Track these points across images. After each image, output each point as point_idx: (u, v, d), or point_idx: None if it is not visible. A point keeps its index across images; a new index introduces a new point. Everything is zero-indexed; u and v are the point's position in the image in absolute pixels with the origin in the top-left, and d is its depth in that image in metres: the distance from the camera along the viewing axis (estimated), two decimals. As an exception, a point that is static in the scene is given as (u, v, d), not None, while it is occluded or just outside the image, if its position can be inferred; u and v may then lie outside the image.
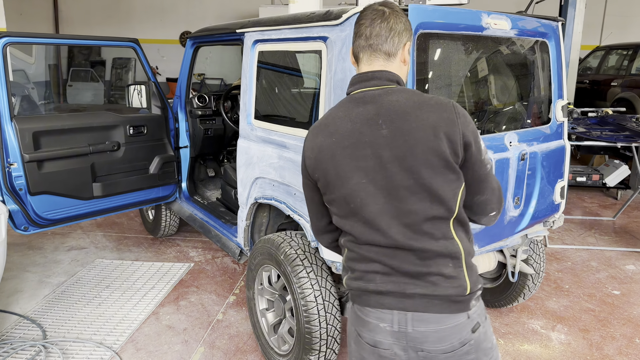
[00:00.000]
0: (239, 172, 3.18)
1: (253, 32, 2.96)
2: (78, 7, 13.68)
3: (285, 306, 2.80)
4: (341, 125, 1.49)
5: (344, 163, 1.47)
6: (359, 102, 1.50)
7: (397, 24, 1.50)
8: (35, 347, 3.08)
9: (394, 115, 1.44)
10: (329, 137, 1.49)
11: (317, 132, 1.54)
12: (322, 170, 1.51)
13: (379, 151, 1.44)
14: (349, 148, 1.46)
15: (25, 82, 8.82)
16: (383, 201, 1.45)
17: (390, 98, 1.47)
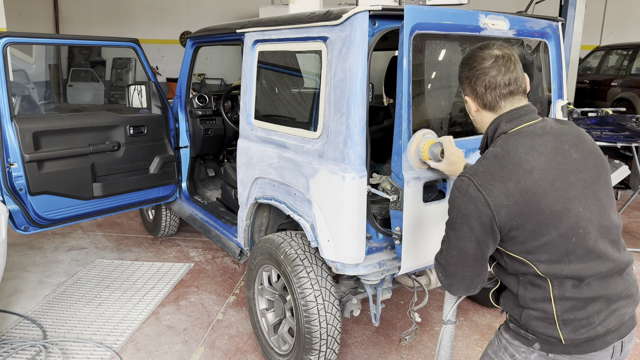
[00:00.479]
0: (239, 172, 3.18)
1: (253, 32, 2.96)
2: (78, 7, 13.69)
3: (285, 306, 2.80)
4: (535, 160, 1.44)
5: (557, 197, 1.42)
6: (534, 135, 1.49)
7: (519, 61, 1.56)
8: (35, 347, 3.08)
9: (572, 139, 1.50)
10: (528, 175, 1.41)
11: (503, 176, 1.42)
12: (530, 213, 1.41)
13: (581, 175, 1.46)
14: (556, 181, 1.43)
15: (25, 82, 8.82)
16: (597, 225, 1.45)
17: (552, 125, 1.53)
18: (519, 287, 1.53)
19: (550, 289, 1.46)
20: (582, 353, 1.47)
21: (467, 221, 1.46)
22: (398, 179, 2.24)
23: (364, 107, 2.28)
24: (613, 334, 1.48)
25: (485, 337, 3.30)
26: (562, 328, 1.46)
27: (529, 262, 1.46)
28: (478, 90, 1.56)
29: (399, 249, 2.31)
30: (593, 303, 1.46)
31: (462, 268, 1.54)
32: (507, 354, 1.58)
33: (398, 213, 2.27)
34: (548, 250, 1.43)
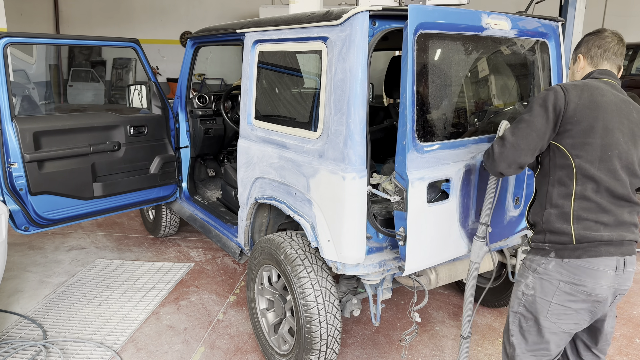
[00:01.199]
0: (240, 172, 3.18)
1: (253, 33, 2.96)
2: (78, 7, 13.69)
3: (286, 306, 2.80)
4: (608, 93, 1.86)
5: (612, 120, 1.81)
6: (612, 86, 1.92)
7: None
8: (35, 347, 3.08)
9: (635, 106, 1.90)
10: (600, 96, 1.83)
11: (582, 88, 1.85)
12: (589, 117, 1.79)
13: (632, 126, 1.86)
14: (615, 112, 1.83)
15: (25, 82, 8.82)
16: (627, 160, 1.83)
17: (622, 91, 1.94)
18: (549, 185, 1.89)
19: (574, 187, 1.82)
20: (590, 257, 1.78)
21: (545, 104, 1.84)
22: (402, 180, 2.24)
23: (364, 107, 2.28)
24: (615, 247, 1.80)
25: (486, 337, 3.30)
26: (575, 224, 1.80)
27: (569, 155, 1.83)
28: (591, 47, 2.02)
29: (402, 250, 2.31)
30: (604, 213, 1.80)
31: (522, 139, 1.87)
32: (530, 270, 1.91)
33: (402, 214, 2.26)
34: (587, 150, 1.80)
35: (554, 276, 1.83)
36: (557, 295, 1.83)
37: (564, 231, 1.81)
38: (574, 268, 1.80)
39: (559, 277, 1.82)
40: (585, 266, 1.79)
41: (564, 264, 1.81)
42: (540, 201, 1.93)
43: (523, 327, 1.94)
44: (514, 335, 1.97)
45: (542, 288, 1.85)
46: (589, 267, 1.79)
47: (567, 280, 1.81)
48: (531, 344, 1.93)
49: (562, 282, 1.81)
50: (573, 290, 1.81)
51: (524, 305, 1.92)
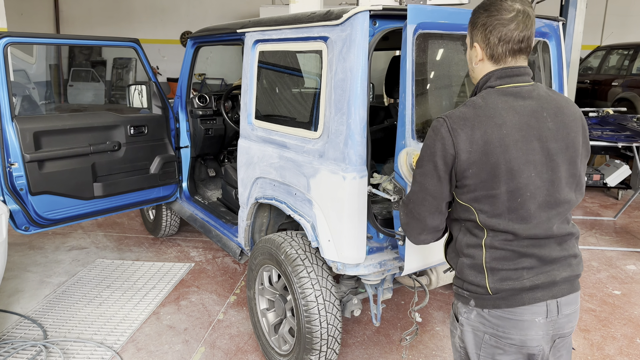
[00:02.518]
0: (240, 172, 3.18)
1: (254, 32, 2.96)
2: (79, 7, 13.69)
3: (286, 306, 2.80)
4: (508, 117, 1.47)
5: (516, 156, 1.46)
6: (518, 96, 1.52)
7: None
8: (36, 347, 3.08)
9: (555, 109, 1.53)
10: (497, 129, 1.46)
11: (474, 124, 1.47)
12: (487, 164, 1.46)
13: (547, 144, 1.50)
14: (520, 141, 1.47)
15: (26, 82, 8.83)
16: (545, 193, 1.50)
17: (540, 92, 1.55)
18: (459, 233, 1.63)
19: (484, 237, 1.54)
20: (512, 306, 1.52)
21: (433, 159, 1.52)
22: (401, 179, 2.24)
23: (364, 107, 2.28)
24: (543, 291, 1.53)
25: (486, 337, 3.30)
26: (489, 276, 1.54)
27: (472, 209, 1.54)
28: (491, 40, 1.54)
29: (402, 249, 2.31)
30: (524, 258, 1.53)
31: (420, 206, 1.61)
32: (456, 320, 1.67)
33: None
34: (492, 202, 1.50)
35: (477, 327, 1.59)
36: (483, 347, 1.59)
37: (478, 283, 1.55)
38: (495, 319, 1.55)
39: (482, 328, 1.58)
40: (507, 317, 1.53)
41: (484, 314, 1.56)
42: (453, 246, 1.69)
43: None
44: None
45: (468, 340, 1.62)
46: (512, 318, 1.53)
47: (491, 332, 1.56)
48: None
49: (487, 334, 1.57)
50: (499, 344, 1.56)
51: (461, 358, 1.70)
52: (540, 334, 1.54)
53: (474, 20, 1.59)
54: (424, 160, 1.56)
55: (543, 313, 1.53)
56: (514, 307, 1.52)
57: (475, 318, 1.59)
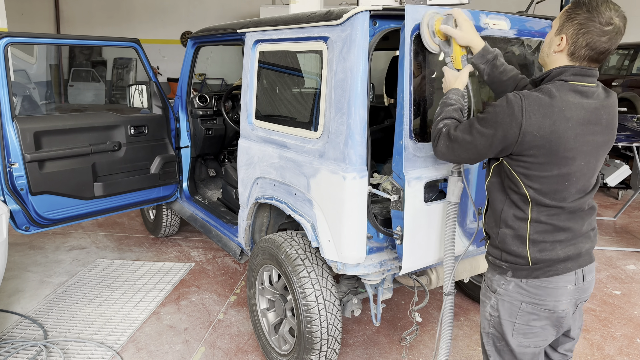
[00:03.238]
0: (240, 172, 3.18)
1: (254, 32, 2.96)
2: (79, 7, 13.69)
3: (286, 306, 2.80)
4: (575, 113, 1.63)
5: (573, 147, 1.64)
6: (584, 95, 1.68)
7: None
8: (36, 346, 3.09)
9: (609, 108, 1.73)
10: (564, 122, 1.62)
11: (546, 112, 1.61)
12: (548, 150, 1.62)
13: (597, 138, 1.69)
14: (579, 135, 1.64)
15: (26, 82, 8.83)
16: (585, 179, 1.72)
17: (600, 93, 1.73)
18: (505, 205, 1.78)
19: (530, 212, 1.72)
20: (547, 276, 1.73)
21: (496, 127, 1.66)
22: (399, 179, 2.24)
23: (364, 107, 2.28)
24: (572, 262, 1.75)
25: (486, 337, 3.30)
26: (531, 247, 1.73)
27: (522, 185, 1.70)
28: (580, 41, 1.65)
29: (400, 249, 2.31)
30: (560, 232, 1.73)
31: (463, 151, 1.78)
32: (491, 291, 1.85)
33: (399, 213, 2.27)
34: (543, 182, 1.68)
35: (515, 297, 1.77)
36: (520, 315, 1.78)
37: (520, 254, 1.74)
38: (533, 288, 1.75)
39: (520, 297, 1.77)
40: (544, 286, 1.74)
41: (522, 284, 1.75)
42: (495, 217, 1.83)
43: (497, 346, 1.89)
44: (492, 356, 1.93)
45: (504, 309, 1.80)
46: (548, 287, 1.74)
47: (529, 300, 1.76)
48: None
49: (524, 302, 1.76)
50: (535, 310, 1.76)
51: (493, 327, 1.86)
52: (568, 299, 1.76)
53: (571, 14, 1.67)
54: (487, 123, 1.69)
55: (573, 281, 1.75)
56: (550, 276, 1.73)
57: (513, 289, 1.77)
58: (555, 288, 1.74)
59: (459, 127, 1.79)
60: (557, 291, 1.74)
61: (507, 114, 1.63)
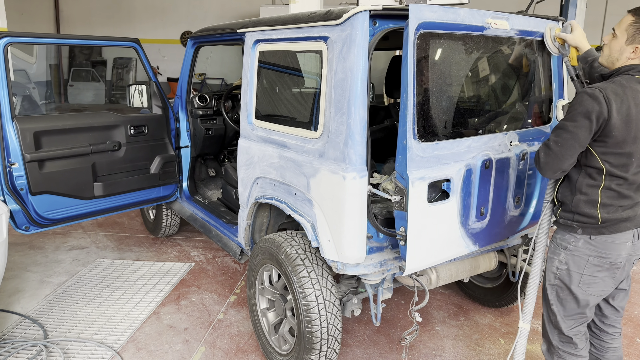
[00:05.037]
0: (240, 172, 3.18)
1: (254, 32, 2.96)
2: (79, 7, 13.68)
3: (286, 306, 2.80)
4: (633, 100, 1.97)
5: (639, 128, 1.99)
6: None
7: None
8: (36, 346, 3.08)
9: None
10: (635, 107, 1.97)
11: (622, 99, 1.96)
12: (624, 131, 1.97)
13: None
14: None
15: (26, 82, 8.82)
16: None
17: None
18: (579, 175, 2.12)
19: (603, 181, 2.06)
20: (613, 233, 2.08)
21: (589, 116, 1.95)
22: (402, 180, 2.24)
23: (364, 106, 2.28)
24: (631, 222, 2.10)
25: (486, 336, 3.30)
26: (601, 209, 2.07)
27: (599, 159, 2.03)
28: None
29: (403, 249, 2.30)
30: (625, 199, 2.07)
31: (566, 150, 2.03)
32: (561, 248, 2.18)
33: (402, 214, 2.26)
34: (617, 158, 2.02)
35: (583, 252, 2.11)
36: (587, 267, 2.11)
37: (592, 215, 2.08)
38: (600, 243, 2.08)
39: (588, 252, 2.10)
40: (609, 241, 2.08)
41: (591, 241, 2.09)
42: (570, 186, 2.15)
43: (560, 296, 2.21)
44: (554, 304, 2.24)
45: (574, 263, 2.13)
46: (612, 242, 2.08)
47: (595, 254, 2.10)
48: (569, 310, 2.21)
49: (591, 256, 2.10)
50: (600, 262, 2.10)
51: (559, 278, 2.19)
52: (625, 254, 2.11)
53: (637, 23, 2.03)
54: (578, 117, 1.98)
55: (630, 238, 2.11)
56: (614, 233, 2.08)
57: (582, 245, 2.11)
58: (617, 244, 2.09)
59: (552, 136, 2.08)
60: (619, 246, 2.09)
61: (595, 103, 1.93)
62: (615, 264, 2.12)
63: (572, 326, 2.24)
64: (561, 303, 2.22)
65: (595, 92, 1.96)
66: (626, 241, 2.10)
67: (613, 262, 2.11)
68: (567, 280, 2.17)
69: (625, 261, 2.14)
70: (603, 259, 2.10)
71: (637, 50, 2.02)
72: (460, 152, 2.41)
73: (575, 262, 2.14)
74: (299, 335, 2.63)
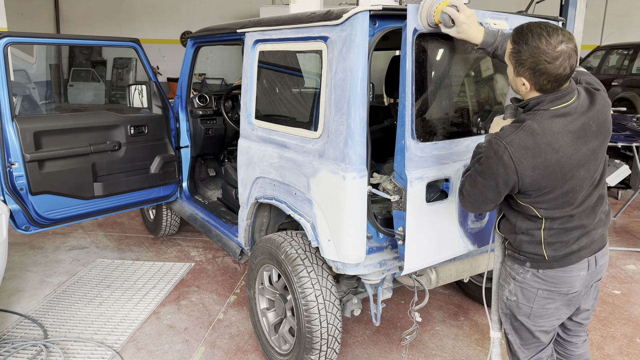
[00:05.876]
0: (240, 172, 3.18)
1: (254, 32, 2.96)
2: (79, 7, 13.69)
3: (286, 306, 2.81)
4: (563, 140, 1.70)
5: (570, 167, 1.72)
6: (568, 115, 1.72)
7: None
8: (36, 346, 3.09)
9: (597, 113, 1.77)
10: (554, 154, 1.69)
11: (535, 153, 1.68)
12: (546, 181, 1.72)
13: (592, 144, 1.76)
14: (573, 155, 1.72)
15: (26, 82, 8.83)
16: (590, 181, 1.80)
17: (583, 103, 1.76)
18: (517, 219, 1.89)
19: (543, 223, 1.83)
20: (563, 266, 1.86)
21: (495, 178, 1.75)
22: (401, 179, 2.24)
23: (364, 106, 2.28)
24: (585, 250, 1.87)
25: (486, 336, 3.30)
26: (546, 248, 1.85)
27: (532, 208, 1.81)
28: (540, 80, 1.68)
29: (401, 249, 2.31)
30: (573, 231, 1.84)
31: (479, 202, 1.87)
32: (510, 278, 1.98)
33: (401, 213, 2.27)
34: (550, 201, 1.78)
35: (532, 285, 1.91)
36: (536, 300, 1.92)
37: (537, 253, 1.87)
38: (549, 277, 1.89)
39: (537, 285, 1.91)
40: (559, 275, 1.88)
41: (539, 274, 1.89)
42: (510, 225, 1.94)
43: (514, 326, 2.05)
44: (509, 333, 2.09)
45: (523, 295, 1.95)
46: (563, 275, 1.88)
47: (545, 288, 1.90)
48: (525, 339, 2.06)
49: (540, 289, 1.91)
50: (550, 295, 1.91)
51: (510, 309, 2.02)
52: (581, 283, 1.91)
53: (518, 58, 1.69)
54: (485, 175, 1.77)
55: (585, 268, 1.89)
56: (564, 266, 1.86)
57: (530, 278, 1.91)
58: (570, 276, 1.87)
59: (466, 182, 1.88)
60: (572, 278, 1.88)
61: (500, 165, 1.71)
62: (569, 295, 1.92)
63: (531, 355, 2.08)
64: (516, 332, 2.06)
65: (500, 148, 1.69)
66: (580, 271, 1.88)
67: (566, 293, 1.91)
68: (517, 311, 1.99)
69: (581, 288, 1.94)
70: (553, 292, 1.90)
71: (526, 82, 1.72)
72: (459, 152, 2.42)
73: (524, 295, 1.94)
74: (299, 335, 2.63)
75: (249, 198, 3.09)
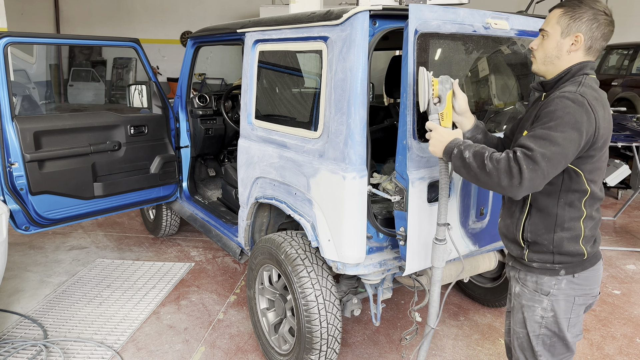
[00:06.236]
0: (240, 172, 3.18)
1: (254, 32, 2.96)
2: (79, 7, 13.69)
3: (286, 306, 2.80)
4: (606, 104, 1.76)
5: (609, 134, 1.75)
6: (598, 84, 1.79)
7: None
8: (36, 346, 3.09)
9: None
10: (608, 109, 1.74)
11: (603, 105, 1.71)
12: (607, 139, 1.72)
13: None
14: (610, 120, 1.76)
15: (26, 82, 8.83)
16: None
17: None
18: (558, 208, 1.78)
19: (584, 209, 1.77)
20: (594, 264, 1.85)
21: (579, 128, 1.61)
22: (402, 179, 2.24)
23: (364, 106, 2.28)
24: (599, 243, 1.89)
25: (486, 336, 3.30)
26: (585, 244, 1.80)
27: (585, 180, 1.74)
28: (595, 34, 1.73)
29: (403, 249, 2.31)
30: (597, 222, 1.85)
31: (554, 167, 1.63)
32: (541, 294, 1.85)
33: (402, 214, 2.27)
34: (599, 174, 1.76)
35: (569, 293, 1.83)
36: (574, 309, 1.86)
37: (578, 252, 1.80)
38: (583, 280, 1.84)
39: (573, 292, 1.84)
40: (592, 275, 1.85)
41: (575, 280, 1.83)
42: (547, 223, 1.80)
43: (547, 343, 1.91)
44: (542, 355, 1.93)
45: (560, 308, 1.85)
46: (594, 275, 1.86)
47: (581, 293, 1.85)
48: (557, 355, 1.93)
49: (577, 296, 1.84)
50: (585, 300, 1.87)
51: (546, 327, 1.89)
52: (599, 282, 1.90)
53: (574, 14, 1.74)
54: (566, 128, 1.61)
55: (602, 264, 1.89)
56: (594, 264, 1.84)
57: (566, 286, 1.82)
58: (598, 275, 1.88)
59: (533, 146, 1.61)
60: (599, 277, 1.88)
61: (582, 112, 1.61)
62: (597, 296, 1.91)
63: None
64: (550, 351, 1.92)
65: (577, 97, 1.63)
66: (601, 267, 1.90)
67: (595, 295, 1.89)
68: (555, 328, 1.87)
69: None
70: (588, 296, 1.86)
71: (578, 38, 1.72)
72: (460, 152, 2.41)
73: (562, 307, 1.84)
74: (298, 335, 2.63)
75: (249, 198, 3.09)
